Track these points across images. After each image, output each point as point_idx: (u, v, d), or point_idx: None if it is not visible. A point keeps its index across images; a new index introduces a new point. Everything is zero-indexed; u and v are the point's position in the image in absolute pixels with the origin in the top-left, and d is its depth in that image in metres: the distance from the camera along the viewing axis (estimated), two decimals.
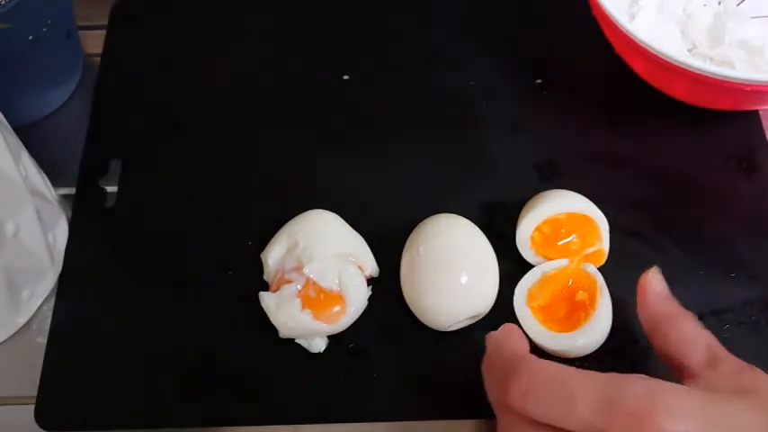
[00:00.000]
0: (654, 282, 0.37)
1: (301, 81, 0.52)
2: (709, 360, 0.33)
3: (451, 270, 0.40)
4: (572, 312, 0.40)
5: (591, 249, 0.42)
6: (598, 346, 0.40)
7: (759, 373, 0.32)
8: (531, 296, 0.41)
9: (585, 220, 0.42)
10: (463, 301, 0.40)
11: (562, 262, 0.41)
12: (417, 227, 0.43)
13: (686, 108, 0.48)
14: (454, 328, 0.40)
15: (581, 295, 0.40)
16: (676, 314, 0.35)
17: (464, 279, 0.40)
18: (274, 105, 0.51)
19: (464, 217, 0.43)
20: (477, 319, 0.41)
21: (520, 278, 0.42)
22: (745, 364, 0.33)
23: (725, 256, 0.44)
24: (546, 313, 0.40)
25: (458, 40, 0.53)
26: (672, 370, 0.35)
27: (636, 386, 0.29)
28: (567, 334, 0.39)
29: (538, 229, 0.42)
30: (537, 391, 0.31)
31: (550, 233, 0.42)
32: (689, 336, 0.34)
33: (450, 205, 0.46)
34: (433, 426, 0.40)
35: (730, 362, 0.33)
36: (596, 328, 0.39)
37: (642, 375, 0.30)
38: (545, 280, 0.41)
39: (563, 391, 0.30)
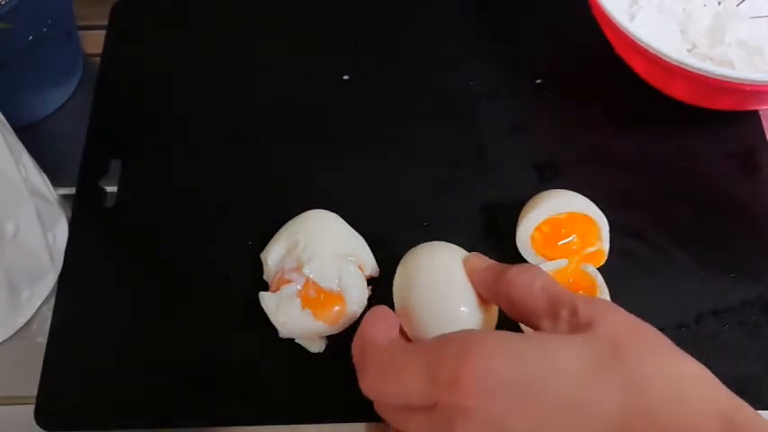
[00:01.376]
0: (471, 261, 0.37)
1: (301, 81, 0.52)
2: (549, 308, 0.32)
3: (450, 303, 0.37)
4: None
5: (591, 249, 0.42)
6: None
7: (595, 304, 0.32)
8: None
9: (586, 220, 0.42)
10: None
11: (561, 262, 0.41)
12: (407, 258, 0.40)
13: (686, 108, 0.48)
14: None
15: None
16: (501, 272, 0.35)
17: (464, 310, 0.37)
18: (274, 105, 0.51)
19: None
20: None
21: None
22: (580, 299, 0.32)
23: (725, 257, 0.44)
24: None
25: (458, 40, 0.53)
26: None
27: (451, 345, 0.31)
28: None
29: (538, 228, 0.42)
30: (376, 380, 0.33)
31: (551, 233, 0.42)
32: (523, 290, 0.34)
33: (451, 205, 0.46)
34: None
35: (567, 303, 0.32)
36: None
37: (463, 330, 0.32)
38: None
39: (395, 375, 0.32)
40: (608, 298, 0.40)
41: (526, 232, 0.42)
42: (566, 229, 0.42)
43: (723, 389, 0.29)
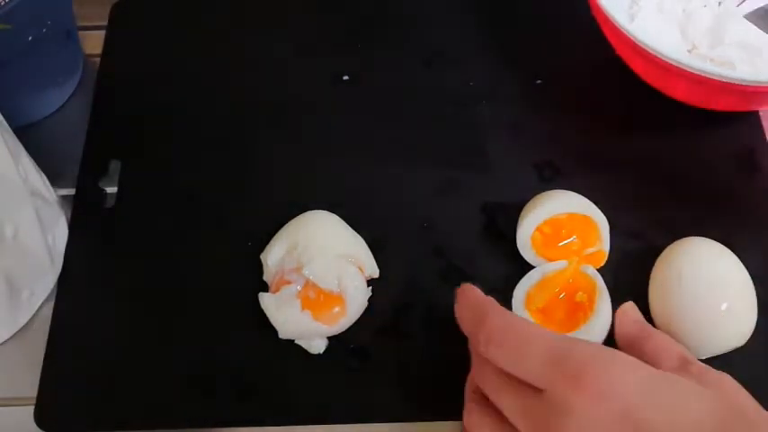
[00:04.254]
0: (630, 311, 0.37)
1: (301, 81, 0.52)
2: (679, 365, 0.33)
3: (714, 299, 0.39)
4: (571, 314, 0.40)
5: (591, 250, 0.42)
6: None
7: (726, 377, 0.32)
8: (529, 299, 0.41)
9: (586, 221, 0.42)
10: (723, 332, 0.39)
11: (561, 263, 0.41)
12: (672, 247, 0.41)
13: (686, 108, 0.48)
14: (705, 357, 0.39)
15: (580, 296, 0.40)
16: (652, 332, 0.36)
17: (724, 307, 0.39)
18: (274, 105, 0.51)
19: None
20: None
21: (519, 280, 0.42)
22: (714, 370, 0.33)
23: None
24: (545, 315, 0.40)
25: (458, 40, 0.53)
26: None
27: (586, 347, 0.31)
28: (566, 335, 0.39)
29: (538, 229, 0.42)
30: (497, 338, 0.33)
31: (551, 234, 0.42)
32: (663, 347, 0.34)
33: (451, 206, 0.46)
34: (433, 426, 0.40)
35: (699, 366, 0.33)
36: (595, 330, 0.39)
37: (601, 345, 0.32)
38: (543, 282, 0.41)
39: (518, 341, 0.32)
40: (608, 299, 0.40)
41: (526, 233, 0.42)
42: (566, 230, 0.42)
43: None
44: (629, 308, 0.37)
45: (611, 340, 0.40)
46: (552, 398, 0.30)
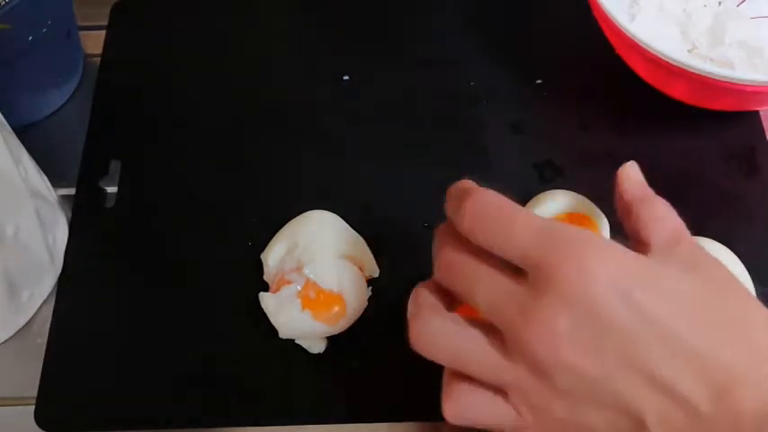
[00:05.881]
0: (631, 172, 0.35)
1: (301, 81, 0.52)
2: (670, 240, 0.31)
3: None
4: None
5: None
6: None
7: (718, 262, 0.31)
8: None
9: (586, 221, 0.42)
10: None
11: None
12: None
13: (686, 108, 0.48)
14: None
15: None
16: (651, 197, 0.34)
17: None
18: (274, 106, 0.51)
19: None
20: None
21: None
22: (707, 252, 0.31)
23: None
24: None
25: (458, 40, 0.53)
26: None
27: (575, 228, 0.30)
28: None
29: None
30: (480, 211, 0.31)
31: None
32: (659, 216, 0.33)
33: None
34: (433, 426, 0.40)
35: (691, 245, 0.31)
36: None
37: None
38: None
39: (503, 215, 0.30)
40: None
41: None
42: None
43: None
44: (630, 167, 0.35)
45: None
46: (536, 277, 0.29)
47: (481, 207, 0.31)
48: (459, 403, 0.32)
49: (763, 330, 0.29)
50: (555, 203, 0.42)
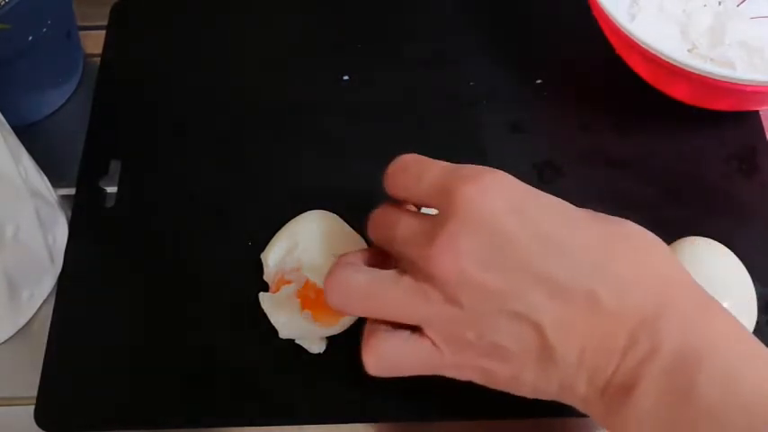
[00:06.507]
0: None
1: (301, 82, 0.52)
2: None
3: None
4: None
5: None
6: None
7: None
8: None
9: None
10: None
11: None
12: (672, 247, 0.40)
13: (686, 108, 0.48)
14: None
15: None
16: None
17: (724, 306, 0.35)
18: (274, 106, 0.51)
19: None
20: None
21: None
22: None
23: None
24: None
25: (458, 40, 0.53)
26: None
27: (481, 167, 0.33)
28: None
29: None
30: (401, 168, 0.35)
31: None
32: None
33: None
34: (433, 426, 0.40)
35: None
36: None
37: None
38: None
39: (419, 167, 0.34)
40: None
41: None
42: None
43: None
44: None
45: None
46: (442, 207, 0.32)
47: (400, 163, 0.35)
48: (377, 351, 0.33)
49: (646, 249, 0.32)
50: None
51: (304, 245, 0.41)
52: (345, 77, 0.52)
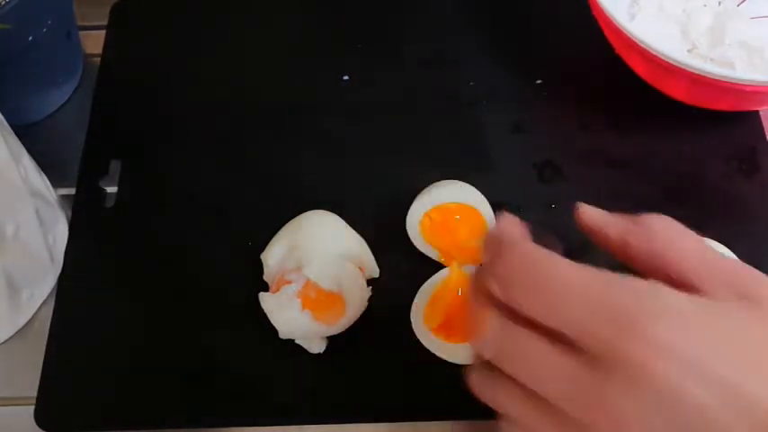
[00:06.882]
0: (587, 208, 0.33)
1: (301, 82, 0.52)
2: (708, 275, 0.29)
3: None
4: None
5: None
6: None
7: (763, 278, 0.28)
8: (426, 318, 0.40)
9: (473, 212, 0.42)
10: None
11: (443, 272, 0.41)
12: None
13: (686, 108, 0.48)
14: None
15: None
16: (635, 218, 0.31)
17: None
18: (274, 106, 0.51)
19: None
20: None
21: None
22: (745, 266, 0.29)
23: None
24: (448, 330, 0.39)
25: (458, 40, 0.53)
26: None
27: (630, 287, 0.26)
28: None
29: (427, 214, 0.42)
30: (522, 277, 0.27)
31: (439, 221, 0.42)
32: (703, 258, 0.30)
33: None
34: (433, 426, 0.40)
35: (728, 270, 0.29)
36: None
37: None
38: (433, 298, 0.40)
39: (553, 287, 0.26)
40: None
41: (416, 217, 0.42)
42: (453, 220, 0.42)
43: None
44: (583, 206, 0.32)
45: None
46: (595, 355, 0.25)
47: (521, 270, 0.27)
48: None
49: None
50: (445, 192, 0.42)
51: (304, 245, 0.41)
52: (345, 77, 0.52)
